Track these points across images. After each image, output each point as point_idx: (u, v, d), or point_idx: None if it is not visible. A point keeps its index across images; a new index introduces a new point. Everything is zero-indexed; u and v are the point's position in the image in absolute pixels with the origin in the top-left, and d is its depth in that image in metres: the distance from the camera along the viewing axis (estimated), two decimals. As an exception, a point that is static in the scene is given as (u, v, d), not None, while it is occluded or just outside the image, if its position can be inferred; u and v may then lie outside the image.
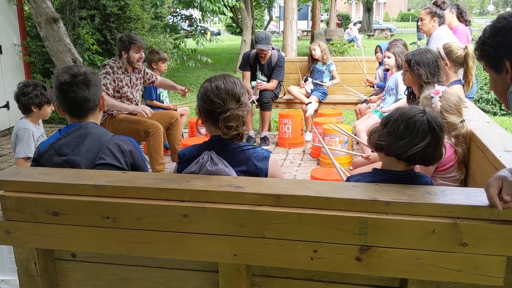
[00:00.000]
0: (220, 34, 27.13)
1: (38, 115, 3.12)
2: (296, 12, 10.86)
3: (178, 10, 12.88)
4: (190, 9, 11.95)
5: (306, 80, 5.90)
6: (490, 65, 1.49)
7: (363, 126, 4.59)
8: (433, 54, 3.12)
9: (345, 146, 4.75)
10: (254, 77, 5.77)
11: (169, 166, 4.78)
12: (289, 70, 6.07)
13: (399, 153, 1.71)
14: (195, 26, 12.76)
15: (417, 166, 1.92)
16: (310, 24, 23.65)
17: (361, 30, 26.15)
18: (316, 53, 5.80)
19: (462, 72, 3.43)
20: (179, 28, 12.76)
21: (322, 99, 5.82)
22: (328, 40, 16.83)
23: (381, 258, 1.46)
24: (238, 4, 10.71)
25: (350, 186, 1.58)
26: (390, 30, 28.03)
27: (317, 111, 5.77)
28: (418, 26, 5.90)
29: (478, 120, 2.80)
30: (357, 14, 46.76)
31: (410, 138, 1.69)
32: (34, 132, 3.08)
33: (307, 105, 5.69)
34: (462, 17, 4.92)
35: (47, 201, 1.64)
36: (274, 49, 5.74)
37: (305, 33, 26.13)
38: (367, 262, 1.47)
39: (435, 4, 4.80)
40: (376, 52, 5.61)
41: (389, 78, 4.77)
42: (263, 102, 5.64)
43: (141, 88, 4.53)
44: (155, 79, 4.65)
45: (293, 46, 10.62)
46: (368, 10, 31.87)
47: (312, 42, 15.48)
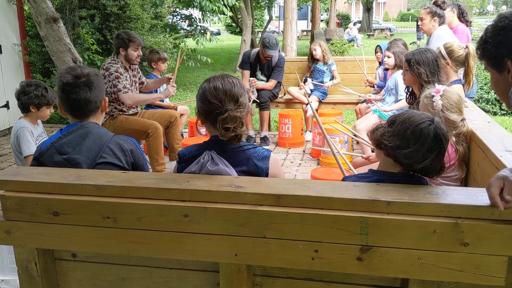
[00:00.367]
0: (219, 34, 27.12)
1: (36, 116, 3.12)
2: (296, 12, 10.84)
3: (178, 9, 12.88)
4: (190, 8, 11.95)
5: (306, 81, 5.89)
6: (492, 64, 1.49)
7: (363, 126, 4.59)
8: (433, 53, 3.12)
9: (345, 146, 4.75)
10: (254, 76, 5.77)
11: (168, 165, 4.78)
12: (288, 70, 6.07)
13: (403, 162, 1.70)
14: (195, 26, 12.76)
15: None
16: (310, 24, 23.66)
17: (360, 30, 26.17)
18: (317, 53, 5.80)
19: (462, 71, 3.43)
20: (179, 27, 12.76)
21: (322, 99, 5.82)
22: (328, 40, 16.83)
23: (382, 258, 1.46)
24: (237, 3, 10.70)
25: (351, 186, 1.58)
26: (390, 30, 28.05)
27: (317, 111, 5.76)
28: (418, 25, 5.90)
29: (478, 119, 2.80)
30: (356, 14, 46.75)
31: (416, 147, 1.66)
32: (32, 130, 3.08)
33: (307, 105, 5.68)
34: (463, 17, 4.92)
35: (48, 201, 1.64)
36: None
37: (305, 33, 26.12)
38: (368, 262, 1.47)
39: (435, 3, 4.80)
40: (376, 52, 5.61)
41: (389, 78, 4.77)
42: (261, 102, 5.64)
43: (137, 86, 4.51)
44: (144, 81, 4.61)
45: (293, 46, 10.61)
46: (367, 10, 31.87)
47: (312, 42, 15.50)
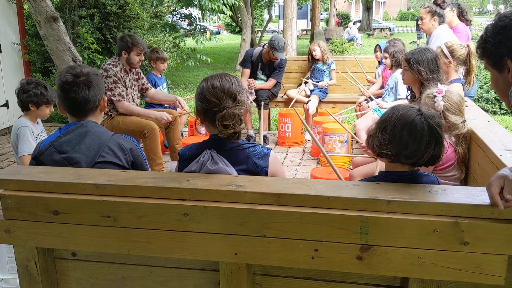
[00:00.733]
0: (219, 33, 27.13)
1: (35, 114, 3.11)
2: (295, 11, 10.83)
3: (177, 9, 12.87)
4: (190, 7, 11.95)
5: (306, 82, 5.88)
6: (492, 63, 1.49)
7: (363, 125, 4.59)
8: (432, 53, 3.12)
9: (345, 145, 4.75)
10: (255, 75, 5.76)
11: (168, 165, 4.78)
12: (288, 69, 6.07)
13: (407, 162, 1.70)
14: (195, 25, 12.76)
15: None
16: (310, 23, 23.65)
17: (360, 29, 26.16)
18: (316, 53, 5.79)
19: (461, 70, 3.43)
20: (179, 27, 12.76)
21: (322, 98, 5.81)
22: (327, 39, 16.82)
23: (382, 257, 1.46)
24: (237, 2, 10.69)
25: (351, 185, 1.57)
26: (390, 29, 28.04)
27: (317, 110, 5.76)
28: (418, 25, 5.89)
29: (478, 119, 2.80)
30: (356, 13, 46.74)
31: (415, 145, 1.66)
32: (33, 129, 3.08)
33: (307, 103, 5.68)
34: (463, 16, 4.92)
35: (47, 200, 1.64)
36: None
37: (304, 32, 26.11)
38: (368, 261, 1.47)
39: (435, 3, 4.81)
40: (375, 51, 5.61)
41: (389, 77, 4.76)
42: (259, 101, 5.64)
43: (137, 89, 4.47)
44: (149, 88, 4.56)
45: (292, 45, 10.60)
46: (367, 9, 31.86)
47: (312, 41, 15.48)
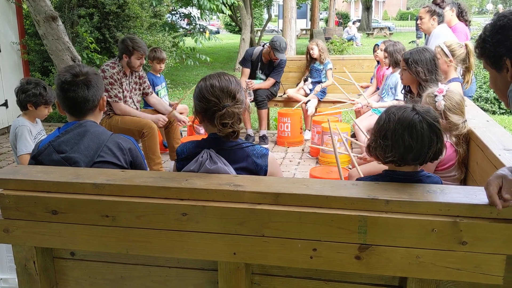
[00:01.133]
0: (219, 33, 27.11)
1: (34, 114, 3.11)
2: (295, 10, 10.83)
3: (176, 8, 12.86)
4: (189, 7, 11.94)
5: (306, 80, 5.88)
6: (491, 63, 1.49)
7: (363, 125, 4.59)
8: (430, 52, 3.12)
9: (344, 145, 4.74)
10: (254, 74, 5.76)
11: (167, 165, 4.78)
12: (288, 68, 6.06)
13: (413, 163, 1.70)
14: (194, 24, 12.75)
15: None
16: (309, 22, 23.65)
17: (360, 29, 26.15)
18: (314, 52, 5.79)
19: (459, 69, 3.44)
20: (178, 26, 12.75)
21: (321, 98, 5.81)
22: (327, 38, 16.82)
23: (380, 256, 1.46)
24: (237, 2, 10.69)
25: (349, 185, 1.57)
26: (389, 28, 28.02)
27: (316, 110, 5.76)
28: (417, 24, 5.89)
29: (477, 118, 2.80)
30: (356, 12, 46.75)
31: (419, 146, 1.66)
32: (31, 129, 3.08)
33: (307, 103, 5.68)
34: (462, 16, 4.92)
35: (46, 199, 1.64)
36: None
37: (304, 31, 26.11)
38: (367, 261, 1.47)
39: (435, 2, 4.81)
40: (374, 50, 5.61)
41: (388, 77, 4.76)
42: (258, 101, 5.64)
43: (139, 93, 4.44)
44: (149, 93, 4.53)
45: (292, 44, 10.60)
46: (367, 8, 31.86)
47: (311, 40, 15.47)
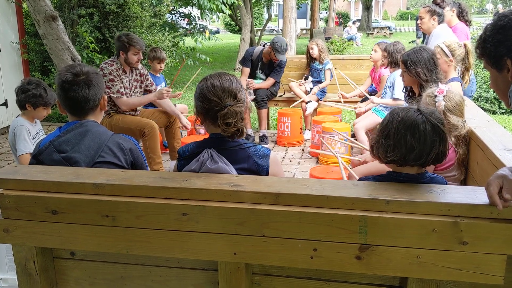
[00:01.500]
0: (219, 33, 27.11)
1: (32, 114, 3.11)
2: (295, 10, 10.84)
3: (176, 8, 12.86)
4: (189, 7, 11.94)
5: (306, 78, 5.89)
6: (491, 63, 1.49)
7: (362, 124, 4.60)
8: (428, 51, 3.11)
9: (344, 145, 4.75)
10: (254, 74, 5.76)
11: (167, 164, 4.77)
12: (288, 68, 6.06)
13: (414, 164, 1.69)
14: (194, 24, 12.75)
15: None
16: (309, 22, 23.63)
17: (360, 29, 26.14)
18: (314, 52, 5.79)
19: (459, 69, 3.44)
20: (178, 26, 12.75)
21: (321, 98, 5.81)
22: (327, 38, 16.82)
23: (381, 256, 1.46)
24: (237, 2, 10.69)
25: (350, 185, 1.57)
26: (389, 28, 28.02)
27: (316, 110, 5.77)
28: (417, 24, 5.89)
29: (477, 118, 2.80)
30: (356, 12, 46.74)
31: (421, 146, 1.65)
32: (30, 129, 3.08)
33: (307, 103, 5.68)
34: (463, 16, 4.92)
35: (46, 199, 1.64)
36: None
37: (304, 31, 26.10)
38: (367, 261, 1.47)
39: (435, 2, 4.81)
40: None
41: (389, 77, 4.76)
42: (258, 100, 5.64)
43: (140, 91, 4.41)
44: (152, 90, 4.46)
45: (292, 44, 10.60)
46: (367, 8, 31.84)
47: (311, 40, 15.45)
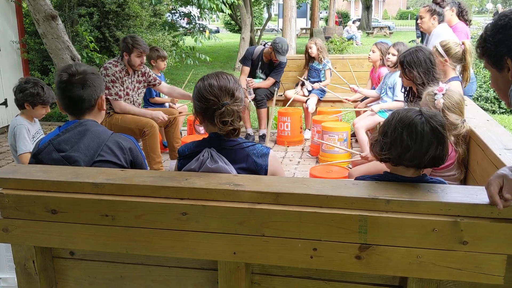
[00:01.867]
0: (218, 32, 27.10)
1: (31, 113, 3.11)
2: (295, 10, 10.84)
3: (176, 7, 12.85)
4: (189, 6, 11.93)
5: (303, 84, 5.86)
6: (492, 62, 1.49)
7: (362, 124, 4.59)
8: (424, 51, 3.11)
9: (344, 144, 4.75)
10: (254, 73, 5.76)
11: (167, 164, 4.77)
12: (287, 68, 6.05)
13: (409, 165, 1.67)
14: (194, 23, 12.74)
15: None
16: (309, 22, 23.62)
17: (360, 28, 26.12)
18: (312, 51, 5.77)
19: (458, 68, 3.43)
20: (178, 25, 12.74)
21: (321, 97, 5.81)
22: (327, 38, 16.81)
23: (381, 256, 1.45)
24: (236, 1, 10.68)
25: (350, 184, 1.57)
26: (389, 28, 27.99)
27: (316, 109, 5.76)
28: (417, 24, 5.88)
29: (477, 118, 2.80)
30: (356, 12, 46.72)
31: (416, 146, 1.63)
32: (29, 127, 3.07)
33: (307, 101, 5.68)
34: (463, 16, 4.92)
35: (45, 198, 1.64)
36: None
37: (304, 31, 26.09)
38: (367, 261, 1.47)
39: (435, 2, 4.81)
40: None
41: (387, 75, 4.75)
42: (257, 100, 5.64)
43: (143, 91, 4.44)
44: (158, 84, 4.50)
45: (292, 44, 10.59)
46: (367, 8, 31.81)
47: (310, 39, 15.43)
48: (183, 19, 13.97)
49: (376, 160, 1.79)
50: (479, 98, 7.43)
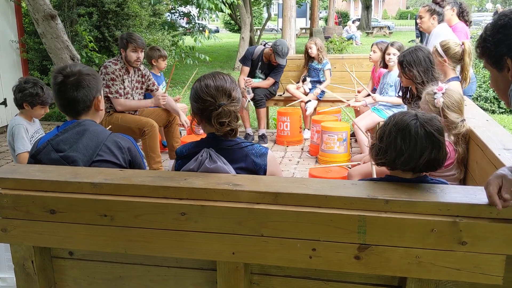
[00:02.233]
0: (218, 32, 27.09)
1: (30, 113, 3.10)
2: (294, 9, 10.82)
3: (176, 7, 12.85)
4: (188, 6, 11.93)
5: (304, 80, 5.87)
6: (491, 62, 1.49)
7: (362, 124, 4.59)
8: (424, 51, 3.11)
9: (343, 144, 4.75)
10: (253, 74, 5.76)
11: (166, 164, 4.77)
12: (287, 67, 6.05)
13: (404, 169, 1.67)
14: (193, 23, 12.74)
15: None
16: (309, 21, 23.62)
17: (359, 28, 26.11)
18: (312, 51, 5.77)
19: (458, 68, 3.43)
20: (177, 25, 12.73)
21: (320, 97, 5.81)
22: (327, 37, 16.80)
23: (380, 256, 1.45)
24: (236, 1, 10.68)
25: (349, 184, 1.57)
26: (389, 28, 28.00)
27: (315, 109, 5.76)
28: (417, 24, 5.88)
29: (477, 118, 2.80)
30: (355, 11, 46.71)
31: (410, 150, 1.62)
32: (27, 127, 3.07)
33: (307, 103, 5.68)
34: (463, 17, 4.91)
35: (44, 198, 1.63)
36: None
37: (303, 30, 26.08)
38: (366, 261, 1.46)
39: (434, 1, 4.80)
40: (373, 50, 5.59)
41: (385, 75, 4.75)
42: (256, 100, 5.64)
43: (142, 92, 4.42)
44: (155, 90, 4.47)
45: (291, 43, 10.58)
46: (366, 7, 31.81)
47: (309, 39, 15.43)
48: (183, 19, 13.97)
49: (375, 165, 1.79)
50: (479, 98, 7.43)
